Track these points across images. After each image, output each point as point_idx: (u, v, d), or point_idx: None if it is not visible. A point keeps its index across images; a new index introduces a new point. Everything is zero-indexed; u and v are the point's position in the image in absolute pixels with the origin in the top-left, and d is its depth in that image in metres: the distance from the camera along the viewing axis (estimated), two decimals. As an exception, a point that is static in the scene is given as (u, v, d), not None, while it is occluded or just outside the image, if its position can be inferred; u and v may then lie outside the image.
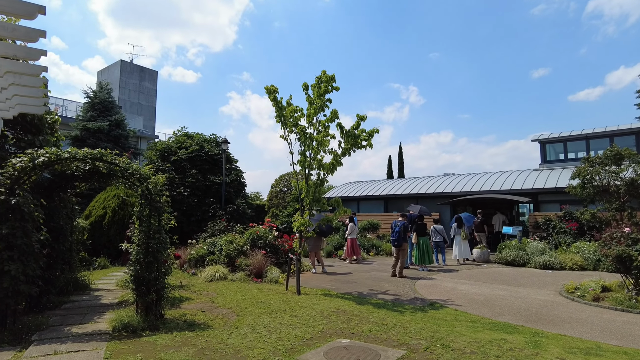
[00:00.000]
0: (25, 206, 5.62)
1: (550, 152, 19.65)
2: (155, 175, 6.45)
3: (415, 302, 7.77)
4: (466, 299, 8.12)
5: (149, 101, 39.53)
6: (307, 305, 7.12)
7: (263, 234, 11.40)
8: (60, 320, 6.14)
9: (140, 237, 6.15)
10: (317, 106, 8.24)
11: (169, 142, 20.41)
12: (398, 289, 9.12)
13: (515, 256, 12.88)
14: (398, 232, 10.63)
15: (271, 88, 8.52)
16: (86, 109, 22.05)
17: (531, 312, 6.97)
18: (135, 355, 4.59)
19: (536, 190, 17.17)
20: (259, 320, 6.14)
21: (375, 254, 16.13)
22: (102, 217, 14.29)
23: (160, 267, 6.24)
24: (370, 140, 8.37)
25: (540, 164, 19.73)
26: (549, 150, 19.61)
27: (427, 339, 5.24)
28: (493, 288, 9.17)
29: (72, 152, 5.98)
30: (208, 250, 11.61)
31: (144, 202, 6.29)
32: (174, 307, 7.09)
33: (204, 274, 10.04)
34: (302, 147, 8.49)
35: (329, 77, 8.30)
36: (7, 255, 5.36)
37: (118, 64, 37.84)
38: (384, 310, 6.98)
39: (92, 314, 6.52)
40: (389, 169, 37.63)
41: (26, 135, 7.18)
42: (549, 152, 19.61)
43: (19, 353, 4.68)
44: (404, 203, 21.57)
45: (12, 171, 5.65)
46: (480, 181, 19.60)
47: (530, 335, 5.51)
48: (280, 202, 28.74)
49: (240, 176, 21.32)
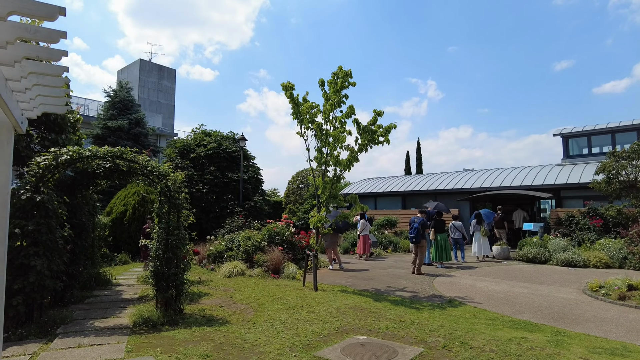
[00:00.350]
0: (49, 203, 5.77)
1: (574, 146, 19.13)
2: (174, 173, 6.53)
3: (433, 300, 7.69)
4: (485, 296, 7.99)
5: (167, 99, 40.12)
6: (324, 302, 7.12)
7: (280, 231, 11.45)
8: (84, 314, 6.30)
9: (159, 234, 6.25)
10: (333, 102, 8.20)
11: (188, 139, 20.67)
12: (416, 286, 9.04)
13: (536, 253, 12.61)
14: (416, 228, 10.52)
15: (287, 85, 8.52)
16: (107, 107, 22.52)
17: (553, 310, 6.81)
18: (155, 349, 4.67)
19: (558, 185, 16.76)
20: (276, 316, 6.18)
21: (392, 251, 16.03)
22: (122, 214, 14.58)
23: (179, 263, 6.33)
24: (387, 136, 8.29)
25: (562, 158, 19.23)
26: (572, 144, 19.09)
27: (445, 336, 5.18)
28: (513, 285, 9.00)
29: (93, 150, 6.11)
30: (226, 246, 11.73)
31: (163, 199, 6.39)
32: (193, 303, 7.19)
33: (223, 270, 10.16)
34: (318, 143, 8.47)
35: (345, 72, 8.25)
36: (32, 251, 5.52)
37: (137, 63, 38.49)
38: (401, 307, 6.93)
39: (113, 309, 6.67)
40: (407, 165, 37.29)
41: (50, 134, 7.35)
42: (572, 146, 19.09)
43: (45, 345, 4.82)
44: (422, 199, 21.35)
45: (37, 169, 5.81)
46: (501, 177, 19.25)
47: (552, 334, 5.38)
48: (297, 198, 28.82)
49: (258, 173, 21.46)
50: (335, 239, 12.03)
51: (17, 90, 3.52)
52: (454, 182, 20.53)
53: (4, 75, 3.22)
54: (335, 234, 11.98)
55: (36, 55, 3.17)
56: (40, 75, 3.51)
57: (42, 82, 3.58)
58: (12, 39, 2.77)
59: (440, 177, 22.14)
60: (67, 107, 4.53)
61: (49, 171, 5.84)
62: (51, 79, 3.57)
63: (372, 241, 15.80)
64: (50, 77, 3.55)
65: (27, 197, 5.57)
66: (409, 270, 11.17)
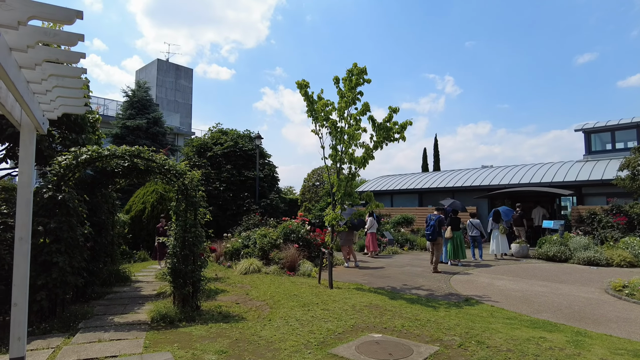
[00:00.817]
0: (70, 201, 5.92)
1: (596, 142, 18.61)
2: (190, 171, 6.62)
3: (449, 298, 7.61)
4: (503, 295, 7.87)
5: (185, 98, 40.64)
6: (339, 299, 7.13)
7: (295, 228, 11.49)
8: (104, 310, 6.45)
9: (176, 231, 6.35)
10: (348, 99, 8.18)
11: (205, 138, 20.91)
12: (432, 285, 8.96)
13: (556, 251, 12.35)
14: (433, 226, 10.42)
15: (302, 83, 8.52)
16: (125, 107, 22.95)
17: (573, 309, 6.66)
18: (172, 345, 4.75)
19: (580, 182, 16.36)
20: (291, 313, 6.21)
21: (409, 249, 15.92)
22: (141, 212, 14.86)
23: (196, 260, 6.42)
24: (403, 133, 8.22)
25: (584, 154, 18.74)
26: (594, 140, 18.58)
27: (462, 335, 5.13)
28: (532, 284, 8.84)
29: (111, 149, 6.24)
30: (243, 243, 11.84)
31: (180, 197, 6.48)
32: (209, 299, 7.28)
33: (239, 267, 10.26)
34: (333, 141, 8.46)
35: (360, 69, 8.21)
36: (55, 248, 5.68)
37: (155, 63, 39.08)
38: (417, 305, 6.88)
39: (132, 305, 6.81)
40: (424, 162, 36.86)
41: (70, 134, 7.53)
42: (594, 142, 18.58)
43: (67, 339, 4.95)
44: (439, 197, 21.11)
45: (59, 168, 5.96)
46: (520, 173, 18.89)
47: (572, 334, 5.27)
48: (312, 196, 28.87)
49: (274, 171, 21.57)
50: (350, 236, 12.03)
51: (38, 92, 3.61)
52: (472, 179, 20.25)
53: (26, 78, 3.32)
54: (351, 232, 11.97)
55: (56, 57, 3.26)
56: (60, 77, 3.60)
57: (62, 84, 3.67)
58: (33, 42, 2.84)
59: (458, 174, 21.86)
60: (87, 107, 4.64)
61: (69, 170, 5.99)
62: (70, 80, 3.66)
63: (389, 239, 15.75)
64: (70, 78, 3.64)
65: (49, 195, 5.73)
66: (425, 269, 11.08)
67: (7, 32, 2.71)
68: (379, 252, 14.76)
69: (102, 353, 4.46)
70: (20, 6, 2.53)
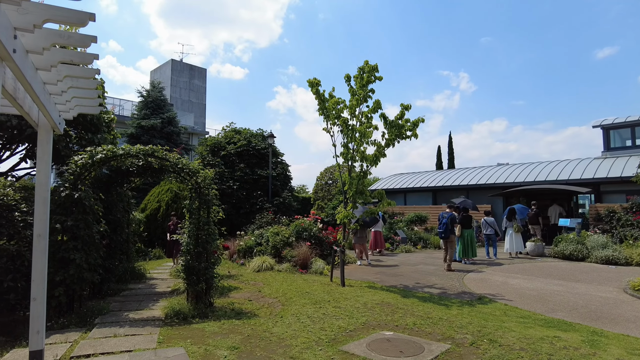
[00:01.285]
0: (86, 200, 6.05)
1: (615, 138, 18.16)
2: (203, 170, 6.70)
3: (462, 296, 7.55)
4: (517, 293, 7.77)
5: (199, 98, 41.04)
6: (351, 297, 7.14)
7: (308, 226, 11.53)
8: (119, 306, 6.59)
9: (190, 229, 6.44)
10: (359, 97, 8.17)
11: (219, 137, 21.11)
12: (445, 283, 8.90)
13: (573, 250, 12.13)
14: (445, 223, 10.34)
15: (313, 81, 8.54)
16: (140, 107, 23.31)
17: (590, 309, 6.55)
18: (185, 340, 4.83)
19: (598, 180, 16.02)
20: (303, 310, 6.24)
21: (422, 247, 15.82)
22: (156, 210, 15.08)
23: (209, 258, 6.50)
24: (415, 130, 8.18)
25: (602, 151, 18.32)
26: (613, 136, 18.14)
27: (474, 333, 5.09)
28: (547, 283, 8.71)
29: (126, 149, 6.36)
30: (256, 241, 11.93)
31: (193, 195, 6.57)
32: (223, 296, 7.37)
33: (252, 265, 10.35)
34: (344, 139, 8.46)
35: (371, 67, 8.19)
36: (72, 245, 5.82)
37: (169, 64, 39.54)
38: (429, 303, 6.85)
39: (147, 301, 6.93)
40: (439, 160, 36.54)
41: (87, 133, 7.70)
42: (614, 138, 18.13)
43: (84, 334, 5.07)
44: (453, 195, 20.93)
45: (75, 167, 6.10)
46: (535, 171, 18.59)
47: (588, 333, 5.18)
48: (325, 194, 28.86)
49: (286, 169, 21.67)
50: (363, 234, 12.01)
51: (54, 93, 3.71)
52: (487, 176, 20.01)
53: (42, 79, 3.41)
54: (364, 230, 11.97)
55: (70, 59, 3.34)
56: (74, 78, 3.69)
57: (76, 85, 3.76)
58: (48, 45, 2.92)
59: (473, 171, 21.62)
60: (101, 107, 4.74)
61: (85, 169, 6.12)
62: (85, 81, 3.76)
63: (401, 237, 15.68)
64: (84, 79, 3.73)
65: (66, 194, 5.87)
66: (438, 267, 11.00)
67: (24, 35, 2.79)
68: (393, 250, 14.73)
69: (117, 348, 4.56)
70: (36, 10, 2.61)
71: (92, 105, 4.12)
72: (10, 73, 2.91)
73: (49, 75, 3.44)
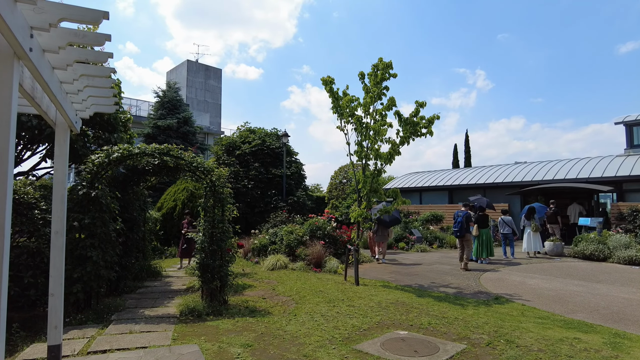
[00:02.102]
0: (103, 198, 6.15)
1: (639, 135, 17.66)
2: (218, 168, 6.74)
3: (478, 296, 7.43)
4: (535, 293, 7.61)
5: (214, 98, 41.42)
6: (365, 296, 7.09)
7: (322, 225, 11.51)
8: (135, 303, 6.67)
9: (205, 227, 6.49)
10: (373, 95, 8.10)
11: (234, 137, 21.25)
12: (461, 282, 8.77)
13: (593, 250, 11.83)
14: (460, 222, 10.20)
15: (327, 79, 8.51)
16: (156, 107, 23.61)
17: (611, 310, 6.36)
18: (199, 337, 4.86)
19: (620, 178, 15.59)
20: (317, 308, 6.22)
21: (438, 247, 15.65)
22: (172, 209, 15.26)
23: (224, 255, 6.54)
24: (430, 128, 8.08)
25: (625, 149, 17.81)
26: (636, 133, 17.62)
27: (490, 333, 5.00)
28: (566, 283, 8.50)
29: (142, 147, 6.43)
30: (270, 240, 11.97)
31: (208, 194, 6.61)
32: (237, 294, 7.40)
33: (266, 263, 10.38)
34: (358, 137, 8.41)
35: (385, 64, 8.11)
36: (89, 243, 5.92)
37: (185, 64, 40.01)
38: (445, 303, 6.76)
39: (162, 299, 7.01)
40: (455, 158, 36.13)
41: (104, 133, 7.83)
42: (637, 135, 17.63)
43: (101, 330, 5.15)
44: (470, 194, 20.62)
45: (92, 166, 6.20)
46: (554, 169, 18.21)
47: (610, 335, 5.03)
48: (339, 193, 28.82)
49: (300, 168, 21.69)
50: (385, 233, 11.99)
51: (71, 92, 3.77)
52: (504, 175, 19.68)
53: (59, 79, 3.46)
54: (385, 229, 11.96)
55: (85, 58, 3.38)
56: (90, 77, 3.74)
57: (92, 84, 3.81)
58: (64, 44, 2.96)
59: (490, 170, 21.30)
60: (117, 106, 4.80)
61: (102, 168, 6.22)
62: (100, 80, 3.80)
63: (417, 237, 15.53)
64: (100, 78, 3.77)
65: (83, 192, 5.97)
66: (454, 267, 10.86)
67: (40, 34, 2.84)
68: (408, 249, 14.60)
69: (133, 344, 4.62)
70: (51, 9, 2.64)
71: (108, 104, 4.17)
72: (28, 72, 2.96)
73: (65, 75, 3.49)
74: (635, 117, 17.56)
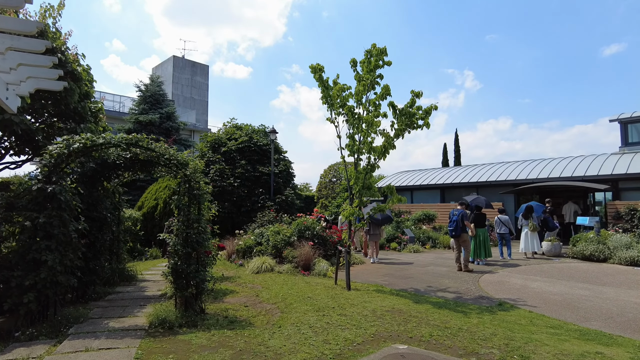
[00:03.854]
0: (62, 194, 5.39)
1: (633, 133, 17.34)
2: (193, 161, 6.04)
3: (480, 302, 6.85)
4: (540, 298, 7.06)
5: (201, 95, 40.45)
6: (358, 303, 6.45)
7: (310, 225, 10.84)
8: (101, 312, 5.93)
9: (178, 227, 5.79)
10: (366, 83, 7.46)
11: (219, 134, 20.46)
12: (460, 286, 8.20)
13: (593, 250, 11.36)
14: (456, 221, 9.63)
15: (316, 66, 7.86)
16: (138, 102, 22.67)
17: (627, 317, 5.82)
18: (167, 356, 4.16)
19: (616, 176, 15.22)
20: (304, 318, 5.56)
21: (431, 247, 15.09)
22: (153, 208, 14.47)
23: (200, 259, 5.84)
24: (427, 119, 7.48)
25: (620, 147, 17.50)
26: (631, 131, 17.31)
27: (501, 347, 4.40)
28: (571, 287, 7.98)
29: (107, 137, 5.70)
30: (256, 240, 11.27)
31: (182, 190, 5.91)
32: (216, 301, 6.72)
33: (251, 265, 9.68)
34: (350, 129, 7.77)
35: (379, 49, 7.48)
36: (44, 245, 5.16)
37: (170, 60, 38.97)
38: (445, 310, 6.15)
39: (132, 307, 6.28)
40: (444, 158, 35.93)
41: (68, 122, 7.06)
42: (632, 133, 17.31)
43: (52, 347, 4.43)
44: (462, 192, 20.19)
45: (49, 158, 5.45)
46: (548, 167, 17.81)
47: (634, 348, 4.47)
48: (329, 192, 28.20)
49: (289, 166, 20.98)
50: (377, 231, 11.57)
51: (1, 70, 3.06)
52: (497, 173, 19.25)
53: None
54: (378, 227, 11.63)
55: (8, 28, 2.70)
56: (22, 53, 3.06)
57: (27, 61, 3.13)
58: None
59: (482, 168, 20.85)
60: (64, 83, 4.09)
61: (61, 160, 5.47)
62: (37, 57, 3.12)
63: (409, 237, 14.97)
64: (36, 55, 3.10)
65: (37, 188, 5.22)
66: (450, 268, 10.29)
67: None
68: (400, 249, 14.07)
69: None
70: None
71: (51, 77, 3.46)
72: None
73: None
74: (631, 115, 17.26)
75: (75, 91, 6.69)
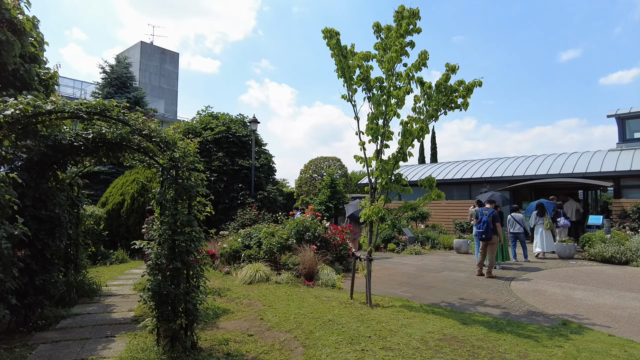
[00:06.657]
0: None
1: (631, 129, 16.81)
2: (183, 140, 4.43)
3: (536, 320, 5.59)
4: (602, 313, 5.88)
5: (170, 84, 37.93)
6: (396, 328, 5.02)
7: (311, 225, 9.29)
8: (50, 351, 4.20)
9: (162, 232, 4.16)
10: (397, 50, 5.99)
11: (193, 123, 18.52)
12: (497, 297, 6.94)
13: (614, 252, 10.45)
14: (486, 222, 8.40)
15: (332, 30, 6.36)
16: (102, 85, 20.25)
17: None
18: None
19: (619, 173, 14.56)
20: (338, 356, 4.07)
21: (431, 248, 13.90)
22: (120, 205, 12.53)
23: (191, 276, 4.24)
24: (467, 98, 6.14)
25: (617, 143, 16.93)
26: (629, 127, 16.78)
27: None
28: (620, 297, 6.89)
29: (59, 102, 3.99)
30: (243, 243, 9.66)
31: (167, 180, 4.29)
32: (208, 326, 5.13)
33: (242, 274, 8.06)
34: (373, 109, 6.32)
35: (411, 11, 6.06)
36: (-42, 260, 3.43)
37: (138, 46, 36.23)
38: (507, 335, 4.82)
39: (96, 341, 4.57)
40: (421, 155, 35.58)
41: (7, 89, 5.25)
42: (630, 129, 16.78)
43: None
44: (455, 189, 19.26)
45: (-31, 131, 3.70)
46: (546, 163, 17.06)
47: None
48: (310, 189, 26.72)
49: (270, 160, 19.35)
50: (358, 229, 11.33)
51: None
52: (492, 169, 18.37)
53: None
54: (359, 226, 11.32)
55: None
56: None
57: None
58: None
59: (477, 164, 19.93)
60: None
61: (-13, 135, 3.73)
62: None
63: (408, 237, 13.71)
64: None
65: (-52, 173, 3.47)
66: (467, 274, 9.06)
67: None
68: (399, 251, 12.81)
69: None
70: None
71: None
72: None
73: None
74: (629, 110, 16.70)
75: (15, 45, 4.91)
